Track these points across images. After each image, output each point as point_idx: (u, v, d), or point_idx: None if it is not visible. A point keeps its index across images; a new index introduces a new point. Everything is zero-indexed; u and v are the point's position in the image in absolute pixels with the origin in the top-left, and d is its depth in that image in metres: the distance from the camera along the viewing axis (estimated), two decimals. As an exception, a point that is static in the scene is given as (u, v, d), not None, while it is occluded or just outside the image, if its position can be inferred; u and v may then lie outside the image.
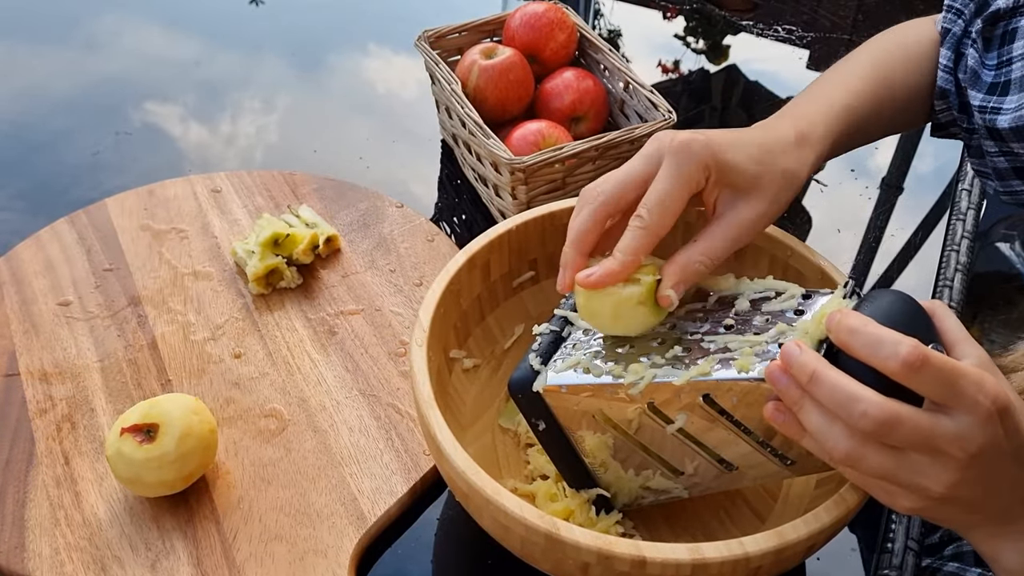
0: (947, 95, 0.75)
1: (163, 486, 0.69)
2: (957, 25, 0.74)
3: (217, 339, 0.84)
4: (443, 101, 1.02)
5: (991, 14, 0.71)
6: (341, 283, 0.90)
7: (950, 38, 0.74)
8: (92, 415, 0.77)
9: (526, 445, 0.74)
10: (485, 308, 0.77)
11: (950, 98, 0.75)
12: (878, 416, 0.47)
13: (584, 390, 0.59)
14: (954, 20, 0.75)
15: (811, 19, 1.37)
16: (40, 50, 1.25)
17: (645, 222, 0.57)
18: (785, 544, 0.53)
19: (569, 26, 1.03)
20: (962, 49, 0.74)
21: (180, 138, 1.11)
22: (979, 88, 0.71)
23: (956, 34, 0.74)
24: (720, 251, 0.60)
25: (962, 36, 0.74)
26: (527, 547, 0.57)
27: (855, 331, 0.49)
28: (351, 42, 1.31)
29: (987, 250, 0.94)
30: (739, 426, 0.57)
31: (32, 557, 0.68)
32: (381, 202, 0.99)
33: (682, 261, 0.59)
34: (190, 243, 0.93)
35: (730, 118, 1.21)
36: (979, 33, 0.72)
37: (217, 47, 1.29)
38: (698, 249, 0.59)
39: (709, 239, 0.60)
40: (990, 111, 0.70)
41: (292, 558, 0.68)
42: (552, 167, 0.89)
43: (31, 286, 0.88)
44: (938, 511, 0.50)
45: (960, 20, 0.74)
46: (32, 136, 1.09)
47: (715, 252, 0.59)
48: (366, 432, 0.76)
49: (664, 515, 0.69)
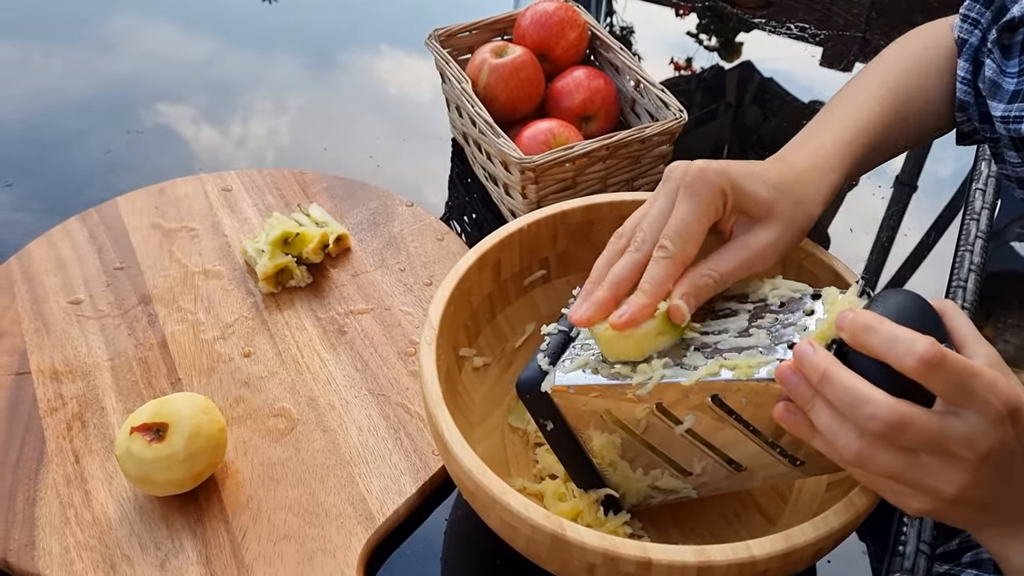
0: (966, 107, 0.75)
1: (172, 485, 0.69)
2: (974, 35, 0.74)
3: (227, 338, 0.84)
4: (453, 100, 1.02)
5: (1007, 22, 0.70)
6: (351, 282, 0.90)
7: (967, 49, 0.74)
8: (102, 414, 0.77)
9: (535, 444, 0.74)
10: (496, 306, 0.77)
11: (969, 110, 0.75)
12: (888, 417, 0.46)
13: (592, 390, 0.59)
14: (970, 30, 0.74)
15: (824, 16, 1.36)
16: (52, 50, 1.26)
17: (670, 252, 0.58)
18: (792, 547, 0.52)
19: (580, 24, 1.03)
20: (980, 59, 0.73)
21: (191, 137, 1.11)
22: (1000, 98, 0.70)
23: (973, 44, 0.73)
24: (728, 268, 0.60)
25: (979, 46, 0.73)
26: (533, 547, 0.57)
27: (871, 328, 0.48)
28: (362, 41, 1.31)
29: (1001, 249, 0.93)
30: (748, 427, 0.56)
31: (42, 555, 0.68)
32: (391, 201, 0.98)
33: (691, 275, 0.59)
34: (200, 242, 0.93)
35: (745, 115, 1.20)
36: (996, 42, 0.71)
37: (229, 46, 1.29)
38: (707, 264, 0.60)
39: (718, 257, 0.60)
40: (1013, 120, 0.69)
41: (301, 558, 0.68)
42: (562, 166, 0.89)
43: (42, 284, 0.88)
44: (948, 512, 0.50)
45: (976, 30, 0.74)
46: (45, 136, 1.10)
47: (723, 268, 0.60)
48: (375, 432, 0.76)
49: (673, 516, 0.69)
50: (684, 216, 0.58)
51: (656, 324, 0.57)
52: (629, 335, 0.57)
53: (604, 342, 0.58)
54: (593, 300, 0.59)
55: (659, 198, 0.61)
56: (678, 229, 0.58)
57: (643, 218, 0.61)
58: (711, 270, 0.59)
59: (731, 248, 0.61)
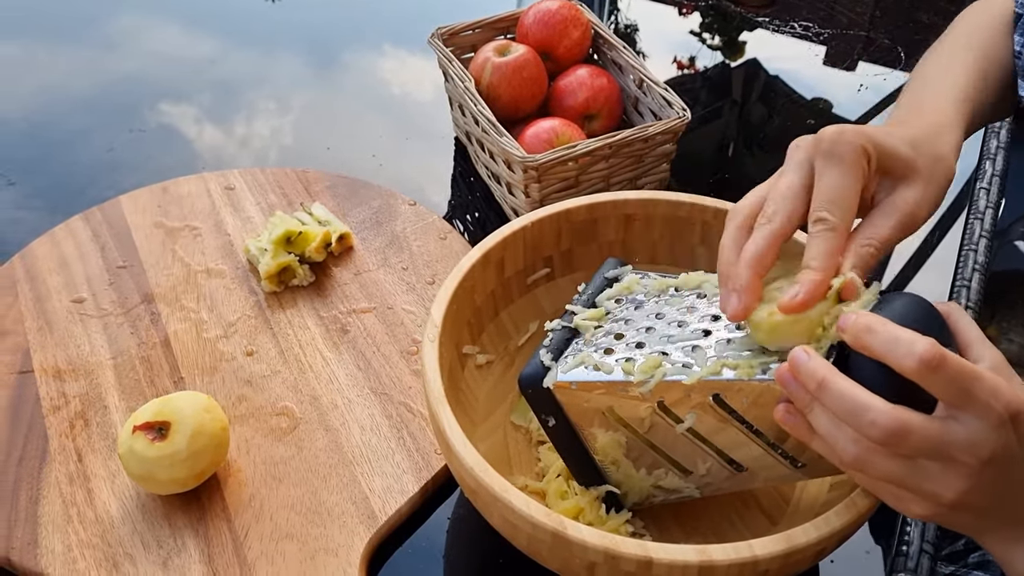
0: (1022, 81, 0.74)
1: (175, 484, 0.69)
2: None
3: (229, 337, 0.84)
4: (456, 99, 1.02)
5: None
6: (353, 281, 0.90)
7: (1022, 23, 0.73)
8: (105, 412, 0.77)
9: (538, 442, 0.74)
10: (499, 304, 0.77)
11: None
12: (887, 425, 0.46)
13: (595, 387, 0.59)
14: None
15: (828, 15, 1.36)
16: (56, 49, 1.26)
17: (832, 223, 0.54)
18: (794, 548, 0.52)
19: (583, 23, 1.03)
20: None
21: (195, 136, 1.11)
22: None
23: None
24: (886, 234, 0.56)
25: None
26: (534, 545, 0.57)
27: (872, 330, 0.48)
28: (365, 40, 1.31)
29: (1005, 248, 0.93)
30: (749, 427, 0.56)
31: (45, 553, 0.68)
32: (394, 200, 0.98)
33: (852, 247, 0.55)
34: (203, 240, 0.93)
35: (751, 112, 1.20)
36: None
37: (232, 45, 1.29)
38: (864, 234, 0.56)
39: (871, 225, 0.57)
40: None
41: (303, 557, 0.68)
42: (565, 165, 0.88)
43: (45, 283, 0.88)
44: (950, 517, 0.50)
45: None
46: (48, 135, 1.10)
47: (881, 235, 0.56)
48: (377, 431, 0.76)
49: (675, 515, 0.69)
50: (835, 182, 0.54)
51: (827, 303, 0.53)
52: (799, 319, 0.52)
53: (768, 329, 0.53)
54: (739, 285, 0.54)
55: (787, 171, 0.57)
56: (832, 197, 0.54)
57: (770, 191, 0.57)
58: (869, 239, 0.55)
59: (881, 213, 0.57)
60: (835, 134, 0.55)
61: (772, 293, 0.55)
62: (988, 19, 0.77)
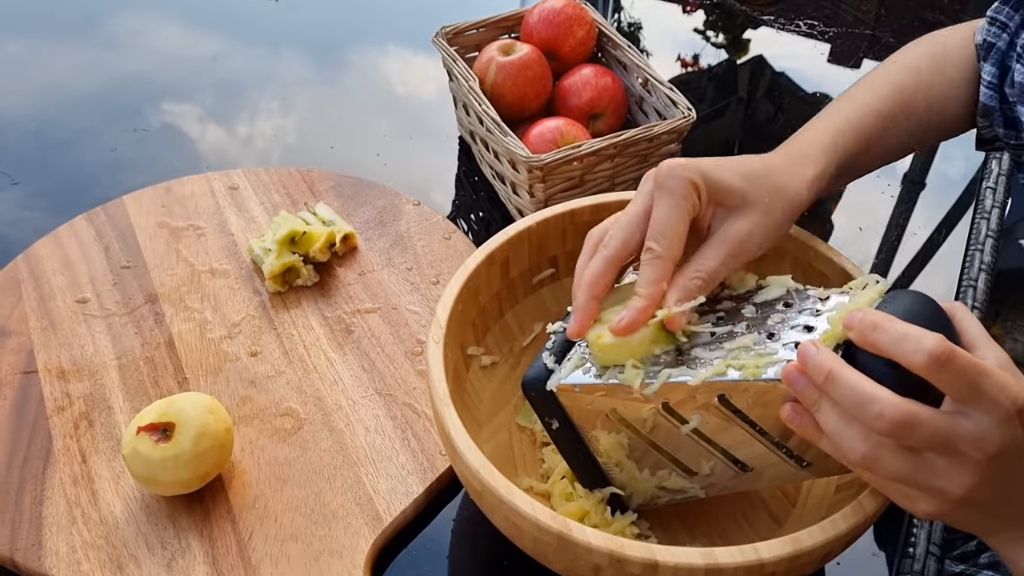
0: (991, 112, 0.74)
1: (179, 485, 0.69)
2: (1001, 39, 0.73)
3: (233, 337, 0.84)
4: (460, 98, 1.02)
5: None
6: (358, 281, 0.89)
7: (995, 53, 0.73)
8: (109, 413, 0.77)
9: (542, 444, 0.74)
10: (504, 305, 0.77)
11: (994, 115, 0.74)
12: (895, 416, 0.46)
13: (598, 389, 0.58)
14: (998, 34, 0.73)
15: (833, 14, 1.36)
16: (60, 48, 1.26)
17: (657, 252, 0.58)
18: (800, 551, 0.52)
19: (588, 22, 1.03)
20: (1008, 63, 0.73)
21: (198, 135, 1.11)
22: None
23: (1001, 48, 0.73)
24: (714, 266, 0.59)
25: (1007, 50, 0.73)
26: (539, 547, 0.57)
27: (879, 327, 0.48)
28: (369, 39, 1.31)
29: (1010, 247, 0.92)
30: (754, 427, 0.56)
31: (49, 555, 0.68)
32: (398, 200, 0.98)
33: (679, 282, 0.58)
34: (207, 240, 0.93)
35: (756, 110, 1.20)
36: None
37: (235, 45, 1.29)
38: (692, 267, 0.59)
39: (701, 257, 0.60)
40: None
41: (307, 558, 0.68)
42: (570, 165, 0.88)
43: (49, 283, 0.88)
44: (957, 515, 0.50)
45: (1004, 33, 0.73)
46: (52, 134, 1.10)
47: (708, 267, 0.59)
48: (382, 432, 0.76)
49: (680, 516, 0.69)
50: (663, 214, 0.58)
51: (651, 331, 0.57)
52: (624, 343, 0.57)
53: (599, 349, 0.58)
54: (576, 305, 0.59)
55: (634, 201, 0.61)
56: (661, 229, 0.58)
57: (615, 221, 0.61)
58: (697, 271, 0.59)
59: (711, 245, 0.60)
60: (669, 168, 0.59)
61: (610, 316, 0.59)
62: (924, 50, 0.77)
